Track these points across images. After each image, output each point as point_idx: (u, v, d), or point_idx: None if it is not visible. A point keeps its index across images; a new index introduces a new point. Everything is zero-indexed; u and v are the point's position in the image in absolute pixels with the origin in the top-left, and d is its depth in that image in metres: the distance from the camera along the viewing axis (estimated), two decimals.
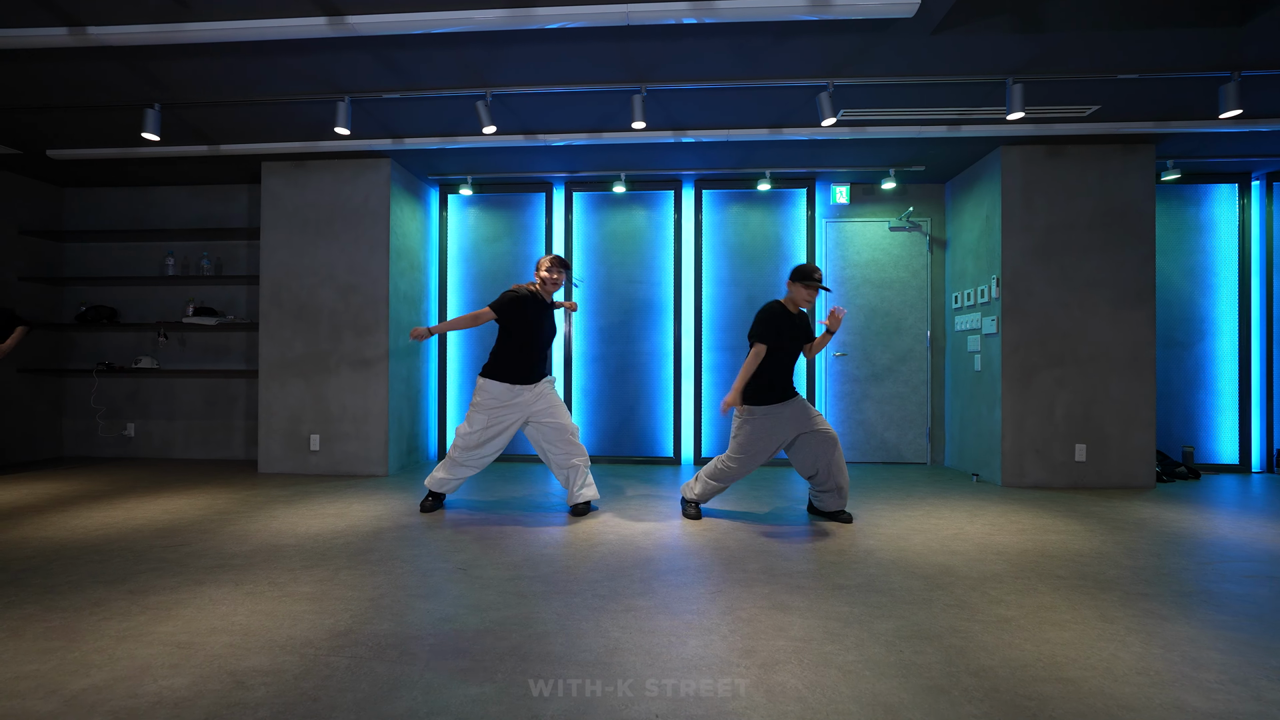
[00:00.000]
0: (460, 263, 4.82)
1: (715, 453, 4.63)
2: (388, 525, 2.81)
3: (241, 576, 2.11)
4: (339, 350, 4.13)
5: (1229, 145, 3.89)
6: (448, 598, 1.94)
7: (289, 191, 4.17)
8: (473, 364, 4.79)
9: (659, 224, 4.71)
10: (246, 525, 2.78)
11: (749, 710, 1.32)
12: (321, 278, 4.15)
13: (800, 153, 4.05)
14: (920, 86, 3.05)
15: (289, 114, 3.47)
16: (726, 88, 3.06)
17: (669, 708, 1.32)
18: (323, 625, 1.73)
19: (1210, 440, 4.40)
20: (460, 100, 3.25)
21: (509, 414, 2.96)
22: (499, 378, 2.93)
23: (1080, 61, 2.82)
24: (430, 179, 4.62)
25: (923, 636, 1.68)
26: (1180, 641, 1.65)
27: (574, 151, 4.04)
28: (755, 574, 2.17)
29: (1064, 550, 2.47)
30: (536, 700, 1.35)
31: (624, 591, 1.99)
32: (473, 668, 1.49)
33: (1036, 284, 3.82)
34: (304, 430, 4.13)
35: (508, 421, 2.97)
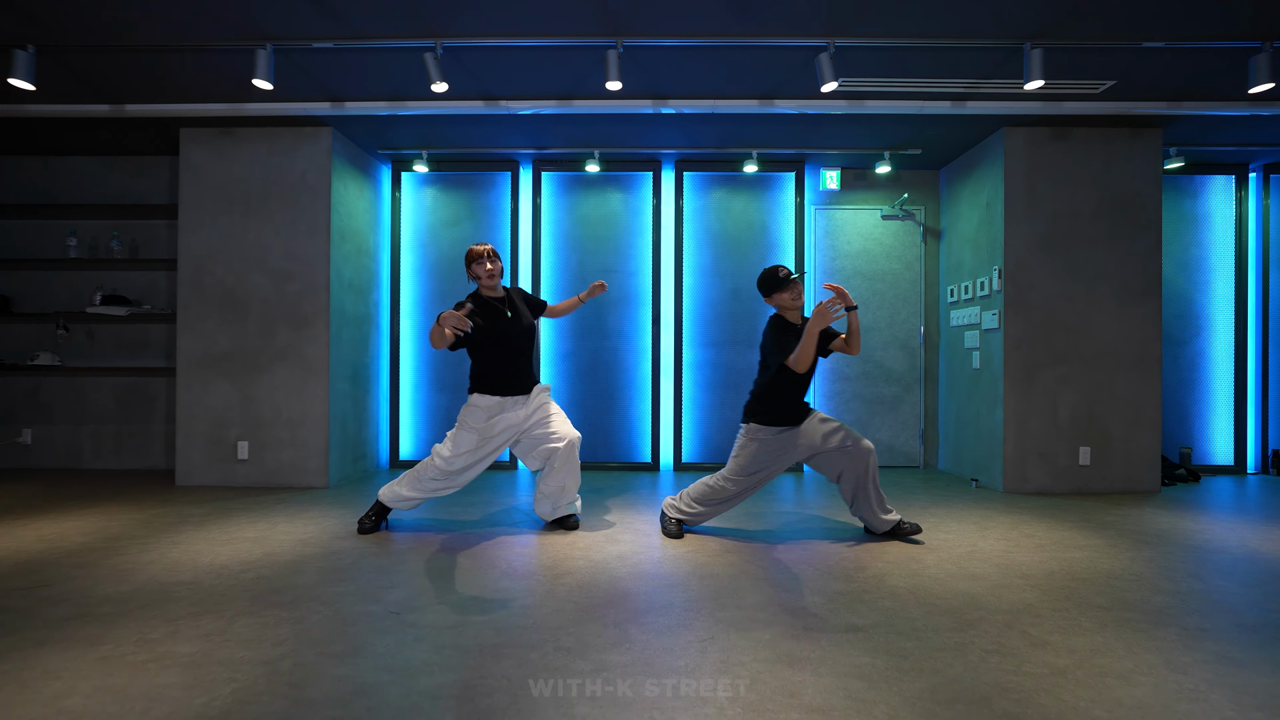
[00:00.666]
0: (415, 248, 4.34)
1: (697, 458, 4.28)
2: (314, 552, 2.36)
3: (103, 633, 1.65)
4: (272, 345, 3.62)
5: (1232, 132, 3.71)
6: (369, 657, 1.52)
7: (213, 163, 3.64)
8: (430, 361, 4.32)
9: (636, 208, 4.32)
10: (137, 556, 2.30)
11: None
12: (252, 262, 3.63)
13: (790, 130, 3.71)
14: (927, 52, 2.74)
15: (208, 69, 2.96)
16: (714, 45, 2.69)
17: None
18: (190, 708, 1.29)
19: (1205, 441, 4.25)
20: (408, 55, 2.80)
21: (500, 435, 2.58)
22: (487, 391, 2.57)
23: (1104, 24, 2.54)
24: (381, 154, 4.13)
25: (968, 700, 1.34)
26: (1274, 699, 1.36)
27: (542, 123, 3.61)
28: (753, 612, 1.81)
29: (1093, 571, 2.18)
30: None
31: (594, 642, 1.61)
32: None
33: (1040, 276, 3.57)
34: (230, 436, 3.61)
35: (498, 442, 2.60)
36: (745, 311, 4.30)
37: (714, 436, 4.29)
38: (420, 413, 4.32)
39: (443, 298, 4.31)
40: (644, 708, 1.31)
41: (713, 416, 4.29)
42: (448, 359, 4.30)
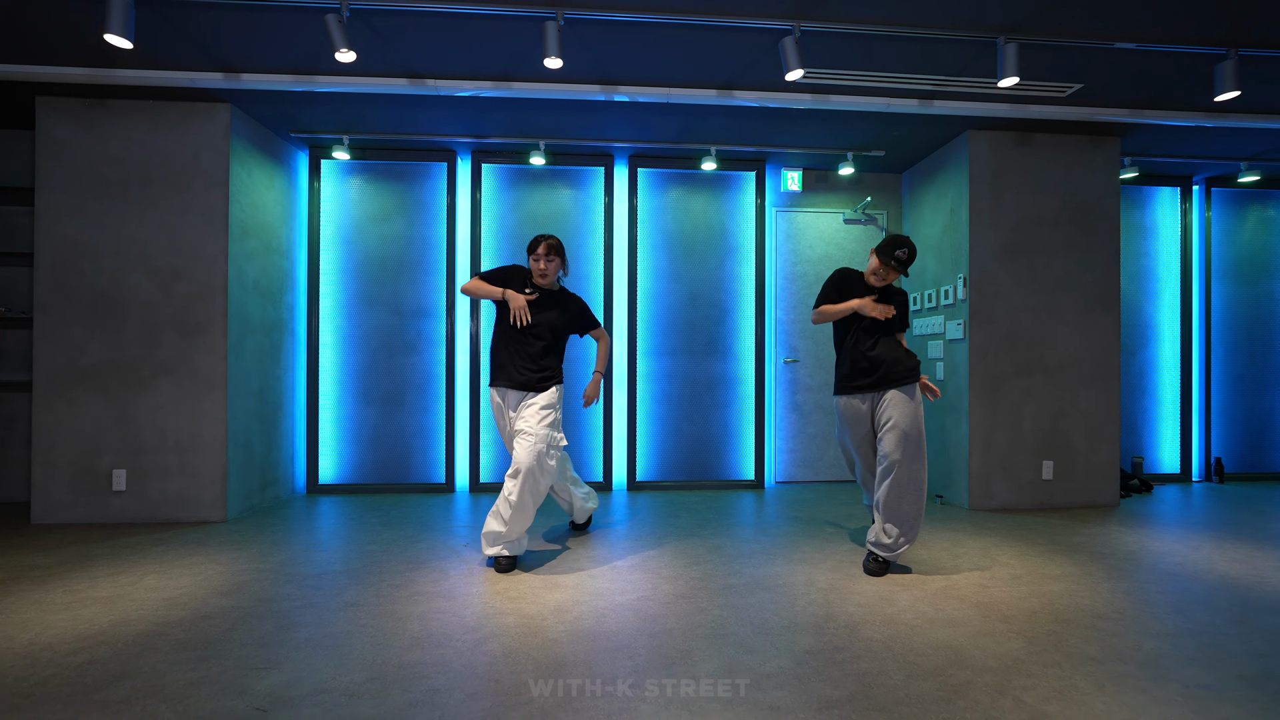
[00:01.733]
0: (338, 245, 3.87)
1: (653, 476, 3.98)
2: (179, 617, 1.92)
3: None
4: (156, 356, 3.09)
5: (1182, 145, 3.72)
6: None
7: (81, 140, 3.07)
8: (355, 371, 3.85)
9: (587, 206, 3.99)
10: None
11: None
12: (130, 259, 3.09)
13: (751, 126, 3.47)
14: (897, 41, 2.54)
15: (62, 20, 2.44)
16: (668, 22, 2.40)
17: None
18: None
19: (1154, 449, 4.29)
20: (314, 19, 2.38)
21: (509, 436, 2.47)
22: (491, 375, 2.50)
23: (1078, 22, 2.40)
24: (295, 138, 3.64)
25: None
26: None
27: (479, 108, 3.23)
28: (710, 682, 1.52)
29: (1075, 610, 2.01)
30: None
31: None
32: None
33: (1005, 284, 3.46)
34: (103, 464, 3.05)
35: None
36: (703, 318, 4.04)
37: (671, 452, 4.01)
38: (343, 431, 3.85)
39: (371, 301, 3.86)
40: None
41: (669, 430, 4.01)
42: (378, 368, 3.84)
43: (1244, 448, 4.36)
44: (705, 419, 4.03)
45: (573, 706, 1.42)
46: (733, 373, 4.04)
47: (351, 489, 3.81)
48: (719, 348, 4.04)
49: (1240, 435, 4.36)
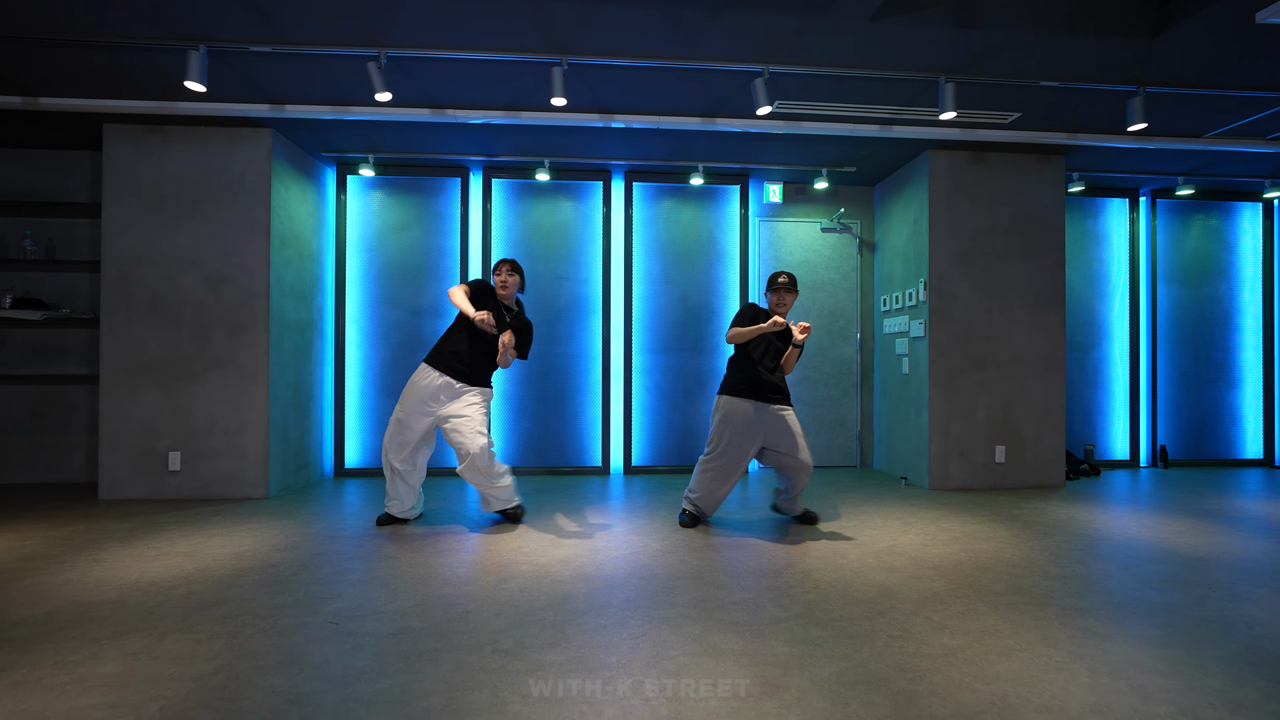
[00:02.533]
0: (362, 253, 4.27)
1: (647, 461, 4.39)
2: (250, 565, 2.32)
3: (16, 656, 1.59)
4: (207, 352, 3.49)
5: (1126, 161, 4.13)
6: (306, 667, 1.54)
7: (141, 161, 3.48)
8: (377, 367, 4.26)
9: (587, 216, 4.39)
10: (53, 576, 2.20)
11: None
12: (184, 266, 3.49)
13: (734, 146, 3.88)
14: (855, 80, 2.94)
15: (134, 65, 2.85)
16: (656, 67, 2.80)
17: None
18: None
19: (1106, 438, 4.69)
20: (351, 62, 2.79)
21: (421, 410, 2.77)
22: (427, 360, 2.81)
23: (1007, 65, 2.80)
24: (325, 156, 4.05)
25: (869, 681, 1.48)
26: (1124, 666, 1.57)
27: (491, 132, 3.64)
28: (685, 608, 1.92)
29: (996, 561, 2.41)
30: None
31: (531, 643, 1.67)
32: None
33: (961, 288, 3.87)
34: (161, 447, 3.46)
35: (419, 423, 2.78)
36: (693, 318, 4.44)
37: (664, 439, 4.41)
38: (367, 420, 4.25)
39: (391, 303, 4.26)
40: (575, 704, 1.39)
41: (662, 420, 4.41)
42: (397, 364, 4.25)
43: (1188, 436, 4.76)
44: (695, 410, 4.43)
45: (576, 623, 1.82)
46: (719, 368, 4.44)
47: (374, 472, 4.21)
48: (707, 345, 4.44)
49: (1185, 425, 4.76)
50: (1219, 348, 4.80)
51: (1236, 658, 1.62)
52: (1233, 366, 4.81)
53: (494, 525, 2.92)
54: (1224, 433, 4.79)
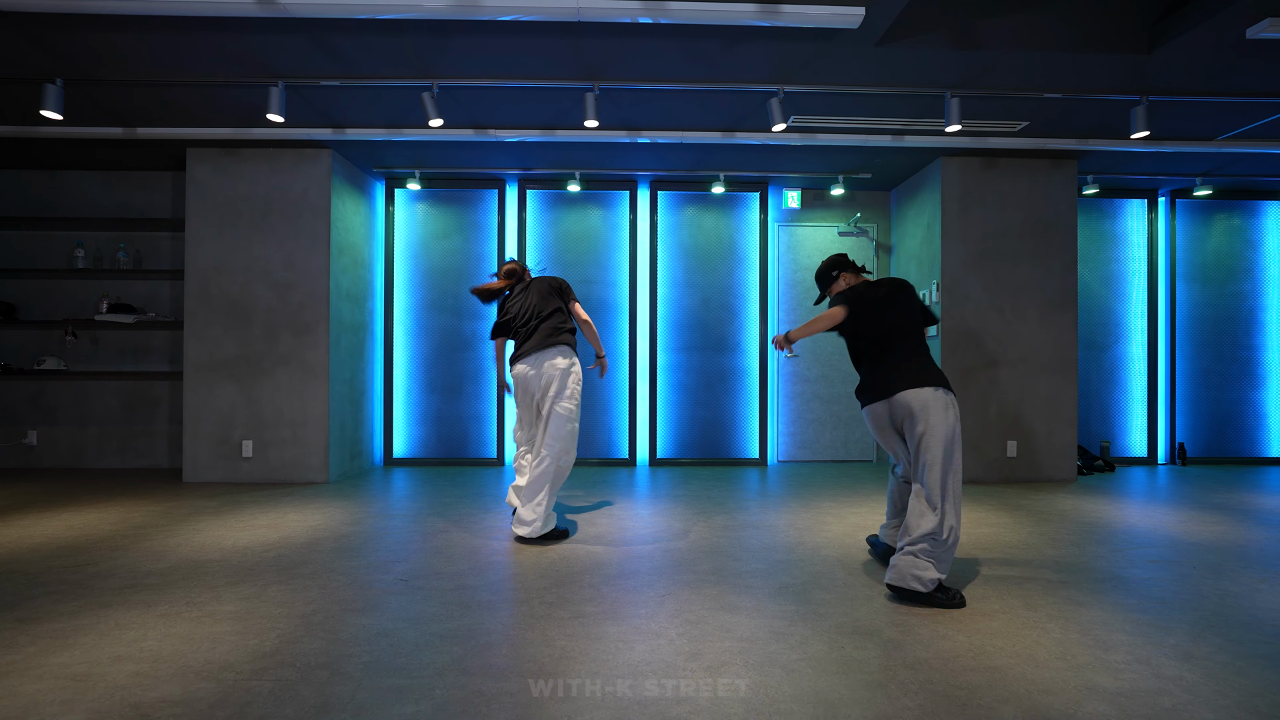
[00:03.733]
0: (408, 260, 4.65)
1: (671, 454, 4.65)
2: (325, 535, 2.67)
3: (155, 597, 1.95)
4: (275, 351, 3.90)
5: (1141, 164, 4.21)
6: (386, 611, 1.85)
7: (218, 181, 3.90)
8: (422, 364, 4.62)
9: (614, 224, 4.68)
10: (165, 540, 2.58)
11: (693, 714, 1.31)
12: (255, 273, 3.90)
13: (753, 157, 4.11)
14: (866, 96, 3.15)
15: (216, 98, 3.24)
16: (679, 89, 3.07)
17: (614, 715, 1.30)
18: (245, 647, 1.61)
19: (1123, 435, 4.76)
20: (405, 91, 3.13)
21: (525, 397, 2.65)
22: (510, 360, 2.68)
23: (1011, 79, 2.98)
24: (375, 172, 4.43)
25: (863, 632, 1.72)
26: (1094, 625, 1.77)
27: (527, 148, 3.96)
28: (704, 575, 2.18)
29: (995, 542, 2.60)
30: (477, 715, 1.30)
31: (572, 598, 1.96)
32: (409, 686, 1.42)
33: (973, 289, 4.02)
34: (235, 436, 3.87)
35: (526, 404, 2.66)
36: (715, 319, 4.68)
37: (687, 434, 4.66)
38: (413, 414, 4.62)
39: (434, 306, 4.62)
40: (610, 640, 1.66)
41: (685, 415, 4.66)
42: (440, 362, 4.60)
43: (1209, 434, 4.79)
44: (717, 406, 4.67)
45: (610, 584, 2.10)
46: (740, 366, 4.68)
47: (419, 462, 4.58)
48: (728, 344, 4.68)
49: (1206, 423, 4.79)
50: (1243, 346, 4.81)
51: (1200, 621, 1.80)
52: (1257, 365, 4.81)
53: None
54: (1247, 431, 4.80)
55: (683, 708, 1.34)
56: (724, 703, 1.36)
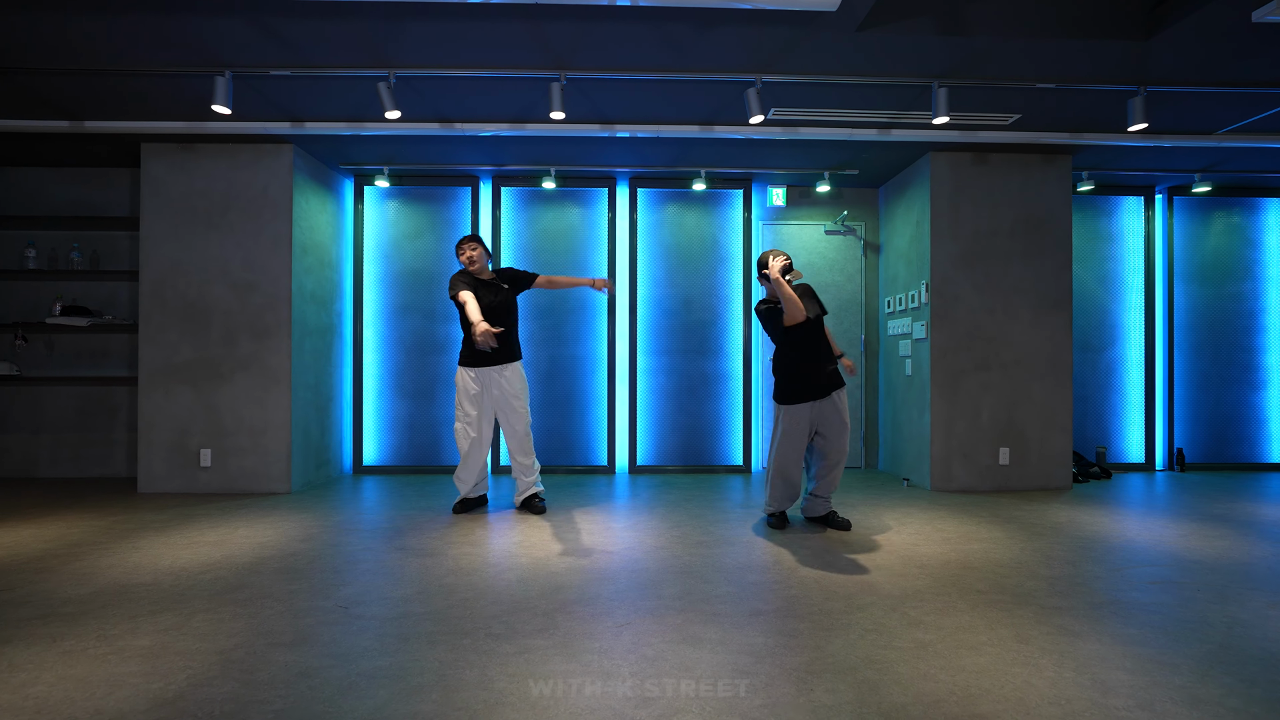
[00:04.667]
0: (378, 260, 4.47)
1: (652, 461, 4.49)
2: (272, 554, 2.50)
3: (65, 630, 1.78)
4: (234, 355, 3.72)
5: (1137, 159, 4.07)
6: (315, 645, 1.68)
7: (174, 177, 3.72)
8: (393, 369, 4.45)
9: (593, 222, 4.51)
10: (97, 560, 2.40)
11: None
12: (213, 274, 3.72)
13: (735, 152, 3.95)
14: (850, 86, 2.99)
15: (168, 89, 3.06)
16: (652, 79, 2.90)
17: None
18: (147, 692, 1.44)
19: (1120, 440, 4.62)
20: (365, 82, 2.95)
21: (477, 402, 3.06)
22: (461, 363, 3.08)
23: (1001, 68, 2.82)
24: (343, 169, 4.25)
25: (836, 670, 1.56)
26: (1091, 662, 1.61)
27: (499, 143, 3.79)
28: (670, 600, 2.01)
29: (984, 561, 2.45)
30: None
31: (522, 629, 1.79)
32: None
33: (963, 289, 3.87)
34: (193, 444, 3.69)
35: (479, 409, 3.07)
36: (697, 321, 4.52)
37: (668, 439, 4.50)
38: (383, 420, 4.44)
39: (406, 308, 4.44)
40: (557, 679, 1.50)
41: (666, 421, 4.50)
42: (412, 366, 4.43)
43: (1208, 439, 4.65)
44: (699, 411, 4.51)
45: (566, 612, 1.93)
46: (723, 370, 4.52)
47: (390, 470, 4.40)
48: (711, 347, 4.52)
49: (1205, 427, 4.65)
50: (1242, 348, 4.67)
51: (1207, 656, 1.64)
52: (1257, 368, 4.68)
53: (501, 519, 3.05)
54: (1247, 436, 4.66)
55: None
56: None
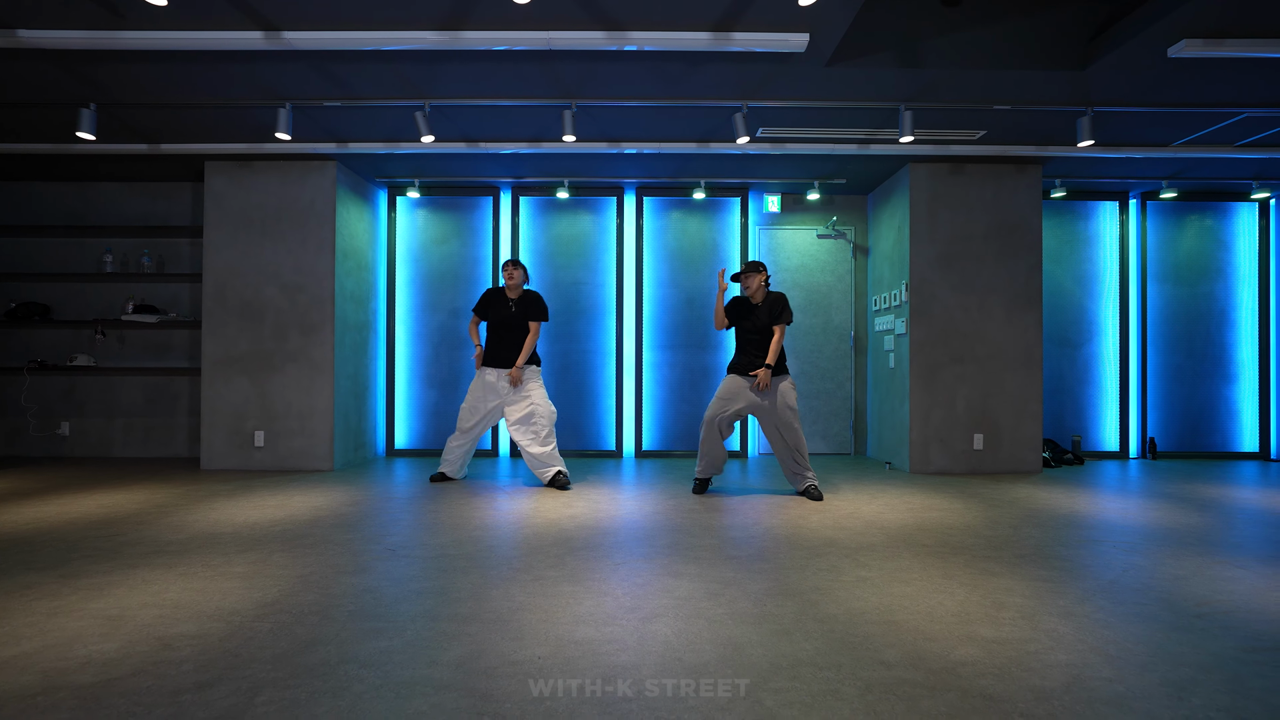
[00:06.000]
0: (408, 263, 4.94)
1: (657, 446, 4.89)
2: (326, 514, 2.95)
3: (176, 561, 2.24)
4: (284, 348, 4.20)
5: (1105, 168, 4.37)
6: (374, 574, 2.12)
7: (233, 191, 4.22)
8: (421, 361, 4.91)
9: (603, 228, 4.93)
10: (184, 517, 2.88)
11: (619, 651, 1.55)
12: (267, 277, 4.21)
13: (732, 165, 4.34)
14: (829, 109, 3.36)
15: (231, 117, 3.55)
16: (651, 106, 3.31)
17: (550, 650, 1.55)
18: (251, 598, 1.89)
19: (1096, 430, 4.91)
20: (401, 109, 3.41)
21: (486, 397, 3.56)
22: (483, 362, 3.60)
23: (959, 94, 3.18)
24: (378, 181, 4.73)
25: (787, 594, 1.95)
26: (997, 591, 1.98)
27: (518, 159, 4.22)
28: (660, 549, 2.42)
29: (938, 525, 2.81)
30: (437, 648, 1.55)
31: (537, 565, 2.21)
32: (385, 628, 1.68)
33: (940, 289, 4.21)
34: (248, 427, 4.19)
35: (487, 405, 3.57)
36: (698, 319, 4.91)
37: (671, 426, 4.90)
38: (413, 407, 4.91)
39: (433, 307, 4.91)
40: (563, 597, 1.91)
41: (670, 409, 4.90)
42: (439, 359, 4.89)
43: (1182, 429, 4.92)
44: (700, 400, 4.90)
45: (573, 554, 2.34)
46: (722, 363, 4.90)
47: (419, 453, 4.86)
48: (711, 342, 4.91)
49: (1179, 418, 4.91)
50: (1215, 344, 4.93)
51: (1093, 588, 2.00)
52: (1229, 362, 4.93)
53: (520, 492, 3.48)
54: (1220, 426, 4.92)
55: (610, 646, 1.58)
56: (648, 644, 1.60)
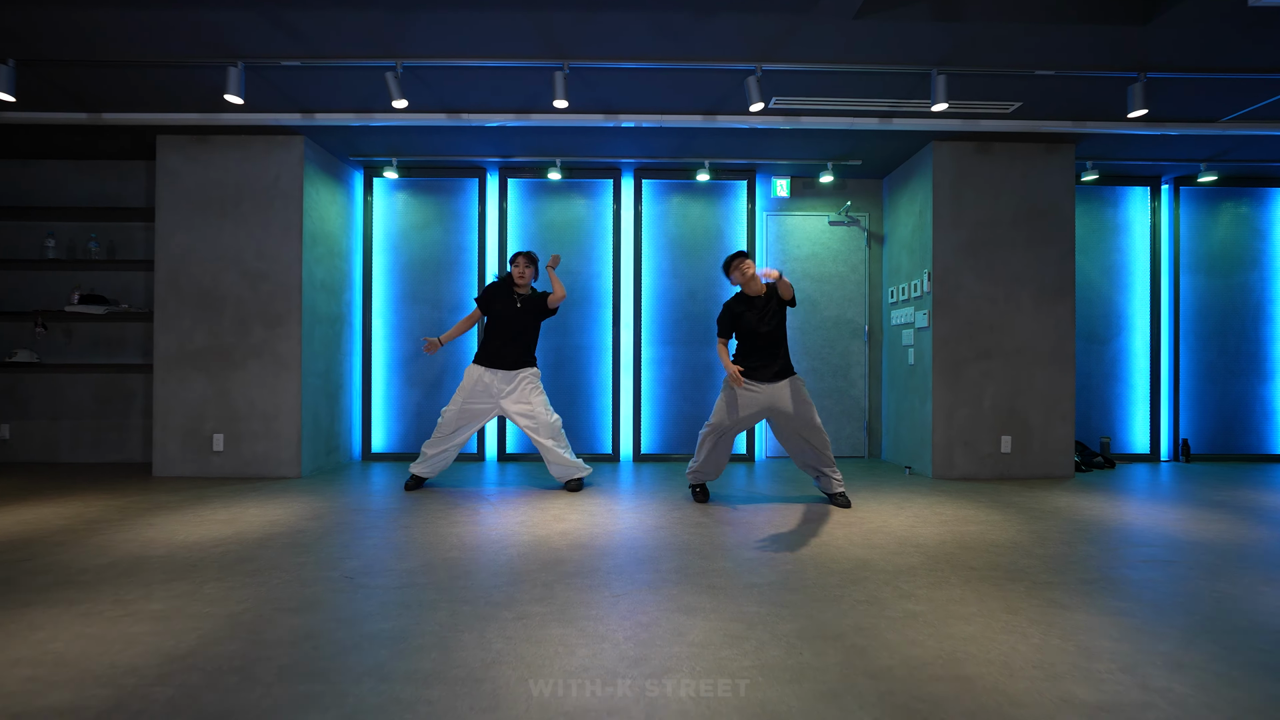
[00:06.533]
0: (387, 250, 4.55)
1: (656, 449, 4.53)
2: (280, 531, 2.57)
3: (82, 595, 1.85)
4: (246, 342, 3.80)
5: (1141, 148, 4.05)
6: (321, 611, 1.75)
7: (188, 168, 3.81)
8: (402, 358, 4.52)
9: (598, 213, 4.56)
10: (114, 535, 2.49)
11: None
12: (226, 263, 3.81)
13: (738, 142, 3.98)
14: (850, 75, 3.01)
15: (179, 80, 3.15)
16: (652, 68, 2.94)
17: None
18: (159, 649, 1.51)
19: (1125, 430, 4.60)
20: (373, 72, 3.02)
21: (480, 400, 3.25)
22: (475, 360, 3.29)
23: (999, 55, 2.83)
24: (352, 160, 4.33)
25: (826, 637, 1.60)
26: (1077, 631, 1.63)
27: (505, 134, 3.84)
28: (667, 574, 2.06)
29: (980, 541, 2.47)
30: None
31: (521, 598, 1.84)
32: (321, 693, 1.31)
33: (965, 278, 3.87)
34: (206, 429, 3.79)
35: (480, 408, 3.27)
36: (701, 312, 4.56)
37: (671, 429, 4.54)
38: (392, 408, 4.52)
39: (414, 298, 4.52)
40: (551, 643, 1.55)
41: (670, 410, 4.54)
42: (421, 355, 4.51)
43: (1215, 430, 4.62)
44: (703, 401, 4.54)
45: (564, 583, 1.98)
46: None
47: (398, 457, 4.48)
48: (714, 338, 4.55)
49: (1212, 418, 4.61)
50: (1250, 339, 4.64)
51: (1193, 626, 1.66)
52: (1265, 358, 4.64)
53: (506, 502, 3.11)
54: (1254, 427, 4.62)
55: (614, 719, 1.22)
56: (659, 713, 1.24)
